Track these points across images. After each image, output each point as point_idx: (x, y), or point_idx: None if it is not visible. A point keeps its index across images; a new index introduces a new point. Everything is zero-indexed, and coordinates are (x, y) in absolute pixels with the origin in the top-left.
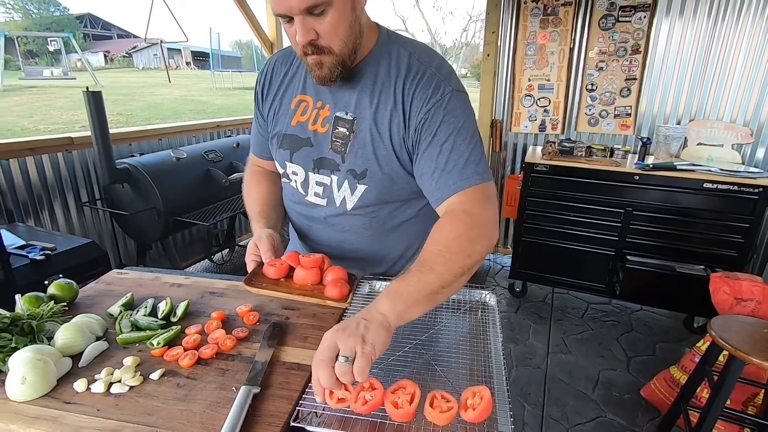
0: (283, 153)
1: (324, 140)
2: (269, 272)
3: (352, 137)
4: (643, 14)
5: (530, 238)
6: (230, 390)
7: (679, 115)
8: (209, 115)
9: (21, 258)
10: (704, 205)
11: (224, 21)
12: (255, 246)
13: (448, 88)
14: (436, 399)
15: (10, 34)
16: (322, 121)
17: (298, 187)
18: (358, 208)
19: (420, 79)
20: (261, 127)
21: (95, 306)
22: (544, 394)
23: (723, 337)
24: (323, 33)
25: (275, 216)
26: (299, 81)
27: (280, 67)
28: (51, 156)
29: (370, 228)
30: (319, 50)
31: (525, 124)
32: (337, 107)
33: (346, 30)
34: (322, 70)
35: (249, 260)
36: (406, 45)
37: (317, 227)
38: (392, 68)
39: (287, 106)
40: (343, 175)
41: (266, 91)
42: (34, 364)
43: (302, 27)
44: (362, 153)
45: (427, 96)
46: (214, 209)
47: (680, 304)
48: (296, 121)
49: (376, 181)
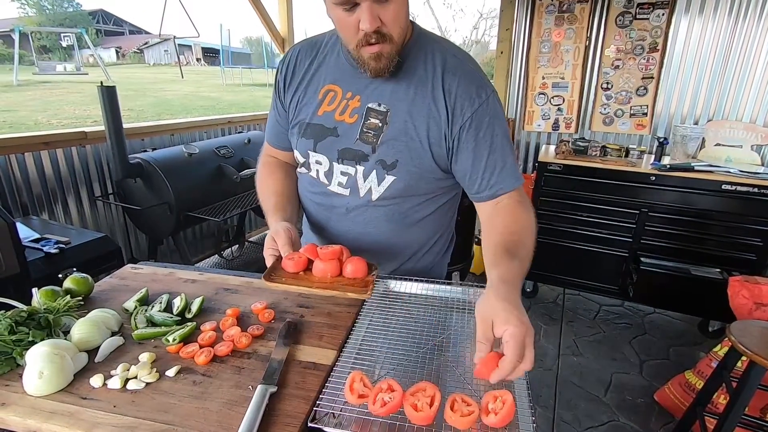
0: (306, 142)
1: (351, 131)
2: (288, 266)
3: (385, 128)
4: (662, 12)
5: (542, 238)
6: (246, 389)
7: (696, 115)
8: (219, 111)
9: (36, 251)
10: (722, 207)
11: (235, 17)
12: (273, 240)
13: (489, 89)
14: (457, 402)
15: (25, 30)
16: (350, 112)
17: (320, 177)
18: (384, 198)
19: (461, 77)
20: (280, 116)
21: (110, 301)
22: (555, 397)
23: (743, 343)
24: (387, 21)
25: (291, 209)
26: (326, 70)
27: (304, 57)
28: (65, 150)
29: (391, 221)
30: (382, 38)
31: (538, 123)
32: (369, 98)
33: (405, 18)
34: (380, 61)
35: (267, 255)
36: (439, 41)
37: (336, 219)
38: (428, 63)
39: (313, 96)
40: (372, 165)
41: (289, 80)
42: (51, 359)
43: (370, 13)
44: (394, 144)
45: (471, 96)
46: (225, 205)
47: (695, 307)
48: (323, 111)
49: (405, 172)
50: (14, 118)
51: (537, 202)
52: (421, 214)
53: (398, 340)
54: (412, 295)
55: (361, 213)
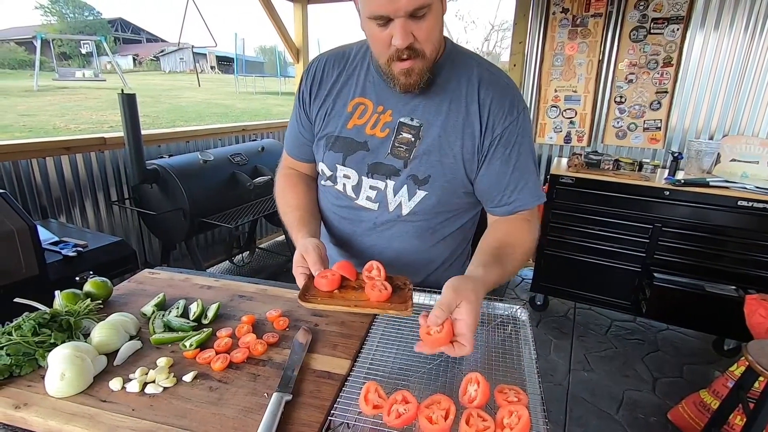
0: (335, 155)
1: (382, 145)
2: (321, 285)
3: (417, 143)
4: (676, 27)
5: (553, 251)
6: (262, 396)
7: (711, 129)
8: (232, 119)
9: (54, 254)
10: (738, 224)
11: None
12: (302, 258)
13: (521, 106)
14: (472, 417)
15: (46, 37)
16: (381, 126)
17: (347, 191)
18: (414, 213)
19: (495, 91)
20: (304, 127)
21: (128, 305)
22: (566, 413)
23: (761, 363)
24: (420, 37)
25: (315, 223)
26: (356, 83)
27: (331, 68)
28: (84, 155)
29: (419, 237)
30: (415, 54)
31: (550, 135)
32: (401, 113)
33: (438, 35)
34: (410, 77)
35: (297, 273)
36: (473, 56)
37: (362, 233)
38: (462, 77)
39: (341, 108)
40: (403, 180)
41: (316, 91)
42: (72, 361)
43: (403, 29)
44: (427, 159)
45: (503, 111)
46: (238, 211)
47: (710, 325)
48: (353, 124)
49: (438, 187)
50: (34, 122)
51: (549, 215)
52: (449, 229)
53: (411, 352)
54: (424, 306)
55: (389, 228)
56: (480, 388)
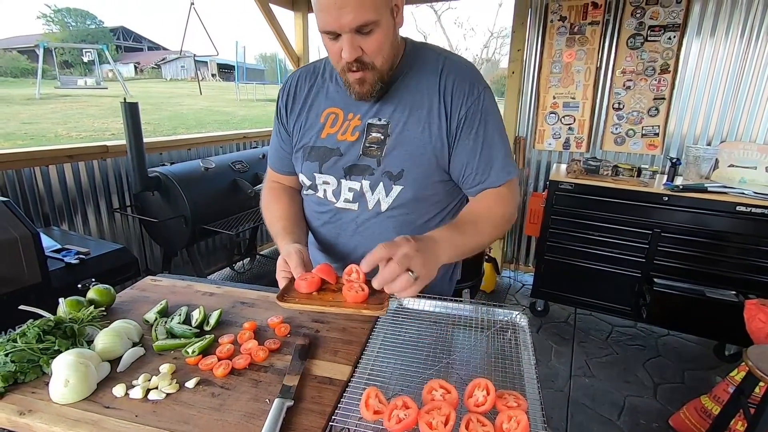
0: (312, 165)
1: (353, 148)
2: (301, 287)
3: (387, 140)
4: (673, 34)
5: (553, 257)
6: (264, 402)
7: (709, 135)
8: (233, 126)
9: (57, 261)
10: (737, 229)
11: (249, 34)
12: (284, 262)
13: (483, 85)
14: (472, 422)
15: (49, 45)
16: (352, 130)
17: (328, 196)
18: (393, 209)
19: (455, 76)
20: (284, 141)
21: (131, 312)
22: (567, 419)
23: (761, 368)
24: (368, 50)
25: (299, 231)
26: (326, 94)
27: (304, 83)
28: (87, 163)
29: (401, 231)
30: (363, 66)
31: (549, 142)
32: (368, 115)
33: (389, 48)
34: (363, 86)
35: (280, 277)
36: (433, 48)
37: (345, 235)
38: (423, 71)
39: (315, 119)
40: (378, 177)
41: (290, 106)
42: (76, 368)
43: (350, 45)
44: (398, 155)
45: (464, 92)
46: (239, 218)
47: (710, 330)
48: (326, 133)
49: (412, 180)
50: (36, 129)
51: (548, 221)
52: (430, 222)
53: (412, 358)
54: (423, 312)
55: (371, 226)
56: (490, 395)
